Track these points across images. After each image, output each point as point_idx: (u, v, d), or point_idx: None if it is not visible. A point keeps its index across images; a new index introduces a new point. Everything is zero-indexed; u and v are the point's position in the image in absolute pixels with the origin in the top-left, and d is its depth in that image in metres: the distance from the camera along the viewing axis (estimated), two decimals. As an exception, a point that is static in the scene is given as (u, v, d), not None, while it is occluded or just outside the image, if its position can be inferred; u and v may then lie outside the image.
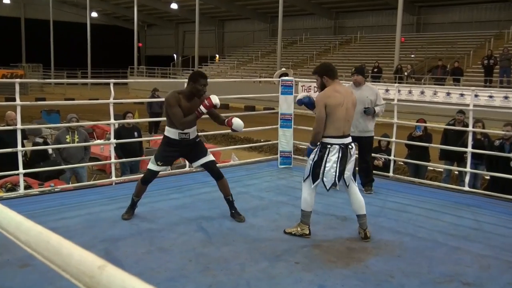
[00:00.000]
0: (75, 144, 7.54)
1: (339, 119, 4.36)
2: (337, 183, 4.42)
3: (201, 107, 4.67)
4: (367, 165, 6.26)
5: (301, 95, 4.85)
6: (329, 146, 4.35)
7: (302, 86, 22.21)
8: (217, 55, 40.07)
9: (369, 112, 6.05)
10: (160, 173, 5.17)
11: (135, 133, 8.43)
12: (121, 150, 7.86)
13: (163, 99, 5.36)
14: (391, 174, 7.01)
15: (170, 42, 48.88)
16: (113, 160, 6.44)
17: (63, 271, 1.12)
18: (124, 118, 8.68)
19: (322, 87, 4.51)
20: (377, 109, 6.11)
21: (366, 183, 6.18)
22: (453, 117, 8.21)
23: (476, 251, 4.25)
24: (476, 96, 17.35)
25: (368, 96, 6.09)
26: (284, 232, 4.55)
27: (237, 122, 4.88)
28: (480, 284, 3.59)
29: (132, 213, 5.01)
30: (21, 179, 5.66)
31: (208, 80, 4.78)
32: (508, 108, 16.42)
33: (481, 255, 4.15)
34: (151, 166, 4.92)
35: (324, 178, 4.37)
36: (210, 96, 4.66)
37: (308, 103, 4.71)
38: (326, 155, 4.34)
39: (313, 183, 4.42)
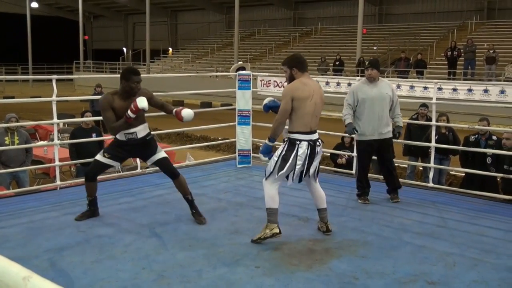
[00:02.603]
0: (15, 146, 7.33)
1: (307, 114, 4.39)
2: (302, 180, 4.48)
3: (129, 112, 4.60)
4: (394, 169, 6.06)
5: (266, 100, 4.86)
6: (297, 142, 4.38)
7: (261, 80, 22.34)
8: (170, 49, 39.71)
9: (400, 135, 5.90)
10: (109, 175, 5.11)
11: (94, 134, 7.97)
12: (76, 153, 7.64)
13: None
14: (354, 171, 7.11)
15: (119, 35, 48.10)
16: (57, 163, 6.28)
17: (-16, 283, 1.08)
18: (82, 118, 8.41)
19: (290, 79, 4.53)
20: (400, 122, 5.88)
21: (392, 191, 5.96)
22: (416, 111, 8.39)
23: (441, 249, 4.37)
24: (439, 89, 17.88)
25: (388, 92, 5.76)
26: (252, 241, 4.42)
27: (187, 114, 4.81)
28: (445, 282, 3.69)
29: (90, 215, 5.00)
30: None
31: (155, 77, 4.79)
32: (472, 101, 16.94)
33: (447, 253, 4.27)
34: (98, 156, 4.93)
35: (290, 173, 4.41)
36: (137, 100, 4.58)
37: (274, 106, 4.71)
38: (295, 152, 4.36)
39: (280, 180, 4.42)
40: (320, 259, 4.10)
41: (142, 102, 4.57)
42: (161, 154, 4.97)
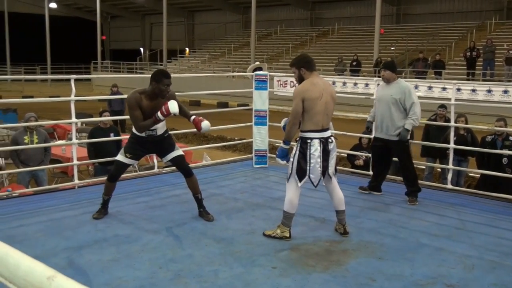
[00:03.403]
0: (34, 145, 7.41)
1: (318, 113, 4.40)
2: (322, 179, 4.48)
3: (159, 114, 4.68)
4: (408, 172, 5.98)
5: (283, 122, 4.92)
6: (309, 141, 4.40)
7: (277, 80, 22.31)
8: (187, 49, 39.88)
9: (402, 137, 5.77)
10: (127, 175, 5.16)
11: (112, 134, 7.97)
12: (94, 153, 7.70)
13: (125, 96, 5.35)
14: (371, 172, 7.07)
15: (136, 35, 48.43)
16: (75, 162, 6.34)
17: (9, 282, 1.10)
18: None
19: (300, 79, 4.55)
20: (407, 125, 5.73)
21: (410, 193, 5.91)
22: (435, 112, 8.33)
23: (460, 251, 4.33)
24: (458, 90, 17.67)
25: (392, 95, 5.75)
26: (263, 235, 4.57)
27: (206, 126, 4.93)
28: (464, 285, 3.66)
29: (104, 213, 5.08)
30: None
31: (172, 77, 4.83)
32: (491, 102, 16.75)
33: (465, 255, 4.23)
34: (120, 157, 5.00)
35: (311, 175, 4.42)
36: (169, 103, 4.67)
37: None
38: (308, 151, 4.38)
39: (300, 181, 4.44)
40: (337, 260, 4.08)
41: (174, 107, 4.65)
42: (178, 151, 5.06)
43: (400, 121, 5.78)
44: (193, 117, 4.99)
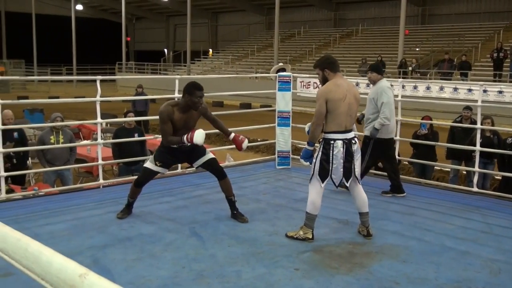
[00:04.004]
0: (60, 145, 7.51)
1: (341, 114, 4.38)
2: (345, 181, 4.45)
3: (184, 139, 4.77)
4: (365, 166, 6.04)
5: (307, 126, 4.89)
6: (332, 142, 4.39)
7: (300, 82, 22.26)
8: (211, 50, 40.04)
9: (372, 135, 5.96)
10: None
11: (136, 135, 8.04)
12: (118, 153, 7.79)
13: (149, 97, 5.40)
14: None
15: (160, 36, 48.83)
16: (100, 162, 6.42)
17: (42, 280, 1.12)
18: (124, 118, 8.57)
19: (324, 80, 4.54)
20: (376, 124, 5.92)
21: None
22: (460, 114, 8.23)
23: (486, 255, 4.26)
24: (485, 91, 17.39)
25: (370, 95, 6.06)
26: (286, 236, 4.56)
27: (246, 145, 5.08)
28: (490, 290, 3.60)
29: (128, 213, 5.12)
30: (3, 182, 5.64)
31: (195, 78, 4.85)
32: (518, 103, 16.45)
33: (491, 259, 4.16)
34: (149, 164, 5.04)
35: (333, 176, 4.41)
36: (196, 134, 4.74)
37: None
38: (331, 152, 4.37)
39: (322, 182, 4.43)
40: (360, 262, 4.05)
41: (199, 140, 4.74)
42: (209, 155, 5.10)
43: (373, 120, 6.00)
44: (232, 135, 5.07)
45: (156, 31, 49.22)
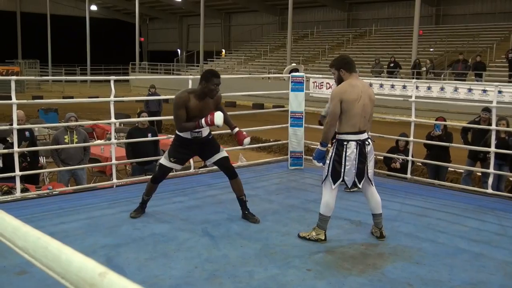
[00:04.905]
0: (74, 145, 7.57)
1: (356, 115, 4.35)
2: (358, 182, 4.44)
3: (202, 121, 4.74)
4: None
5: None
6: (345, 143, 4.36)
7: (313, 82, 22.21)
8: (224, 50, 40.10)
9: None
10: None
11: (149, 134, 8.05)
12: (132, 152, 7.85)
13: (162, 97, 5.41)
14: (409, 176, 6.99)
15: (173, 37, 49.01)
16: (114, 161, 6.46)
17: (62, 278, 1.13)
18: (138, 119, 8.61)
19: (339, 80, 4.51)
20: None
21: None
22: (478, 115, 8.17)
23: (500, 257, 4.22)
24: (500, 92, 17.20)
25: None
26: (298, 236, 4.56)
27: (247, 141, 5.07)
28: (504, 292, 3.57)
29: (142, 212, 5.15)
30: (18, 181, 5.70)
31: (220, 78, 4.80)
32: (534, 105, 16.27)
33: (506, 261, 4.12)
34: (163, 161, 5.04)
35: (346, 177, 4.39)
36: (216, 115, 4.71)
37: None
38: (344, 153, 4.35)
39: (334, 184, 4.42)
40: (373, 264, 4.04)
41: (219, 121, 4.70)
42: (223, 153, 5.08)
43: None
44: (236, 129, 5.05)
45: (169, 31, 49.40)
